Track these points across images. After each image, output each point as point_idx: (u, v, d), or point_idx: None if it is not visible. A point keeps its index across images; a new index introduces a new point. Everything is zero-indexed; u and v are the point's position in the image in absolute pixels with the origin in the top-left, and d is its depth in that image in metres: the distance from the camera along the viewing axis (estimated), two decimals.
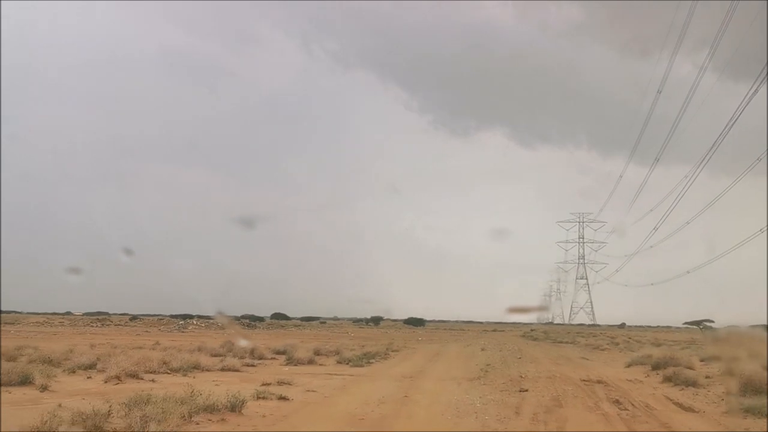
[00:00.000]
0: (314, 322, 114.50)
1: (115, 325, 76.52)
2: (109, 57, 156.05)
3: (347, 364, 25.13)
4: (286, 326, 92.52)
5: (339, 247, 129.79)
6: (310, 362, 25.33)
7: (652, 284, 76.34)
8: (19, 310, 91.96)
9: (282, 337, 52.20)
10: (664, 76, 50.96)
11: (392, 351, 34.89)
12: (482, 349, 37.31)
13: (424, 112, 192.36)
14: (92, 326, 73.02)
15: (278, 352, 28.97)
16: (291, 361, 25.31)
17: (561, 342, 56.60)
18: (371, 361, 27.00)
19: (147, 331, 61.55)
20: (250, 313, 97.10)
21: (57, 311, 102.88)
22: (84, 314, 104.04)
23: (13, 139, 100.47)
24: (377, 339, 55.64)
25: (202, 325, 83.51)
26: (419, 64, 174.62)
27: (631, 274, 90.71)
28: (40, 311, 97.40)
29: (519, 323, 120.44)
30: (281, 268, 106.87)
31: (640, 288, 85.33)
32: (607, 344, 45.25)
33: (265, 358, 27.20)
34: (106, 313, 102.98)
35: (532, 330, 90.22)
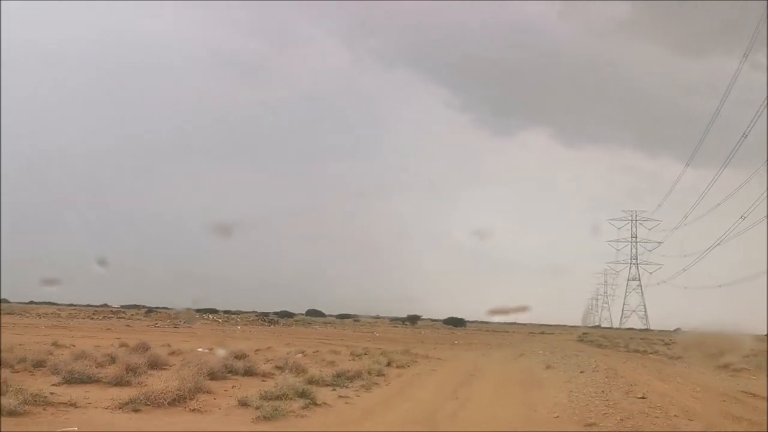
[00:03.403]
0: (348, 320, 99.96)
1: (118, 318, 63.72)
2: (155, 59, 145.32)
3: (257, 408, 10.10)
4: (313, 323, 78.17)
5: (383, 246, 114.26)
6: (178, 401, 10.40)
7: (720, 286, 58.98)
8: (57, 302, 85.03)
9: (283, 336, 39.32)
10: (751, 40, 38.33)
11: (399, 366, 19.53)
12: (547, 367, 21.23)
13: (466, 110, 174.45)
14: (92, 318, 61.03)
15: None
16: (141, 398, 10.44)
17: (639, 351, 39.89)
18: (329, 395, 11.84)
19: (128, 326, 48.10)
20: (284, 309, 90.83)
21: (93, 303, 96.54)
22: (121, 306, 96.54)
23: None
24: (401, 342, 40.50)
25: (219, 320, 71.20)
26: (462, 62, 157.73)
27: (686, 276, 73.94)
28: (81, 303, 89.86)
29: (565, 326, 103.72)
30: (327, 265, 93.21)
31: (696, 291, 68.17)
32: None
33: (127, 384, 12.62)
34: (143, 306, 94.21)
35: (584, 334, 74.32)
